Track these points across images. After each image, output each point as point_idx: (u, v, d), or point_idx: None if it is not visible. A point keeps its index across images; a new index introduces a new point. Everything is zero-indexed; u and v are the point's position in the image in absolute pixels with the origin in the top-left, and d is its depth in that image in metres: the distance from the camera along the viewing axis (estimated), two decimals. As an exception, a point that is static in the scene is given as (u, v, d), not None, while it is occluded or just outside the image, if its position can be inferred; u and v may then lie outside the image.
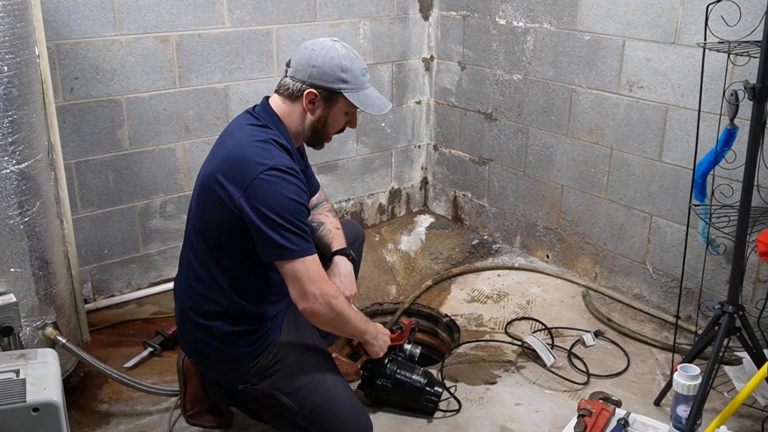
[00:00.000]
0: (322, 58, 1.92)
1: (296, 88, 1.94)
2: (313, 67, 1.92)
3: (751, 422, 2.25)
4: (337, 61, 1.93)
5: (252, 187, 1.79)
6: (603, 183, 3.07)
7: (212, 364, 2.02)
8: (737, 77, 2.35)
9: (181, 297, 2.03)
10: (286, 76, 1.98)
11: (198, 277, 1.96)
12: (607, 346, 2.74)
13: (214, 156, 1.95)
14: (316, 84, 1.93)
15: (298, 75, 1.94)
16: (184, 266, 2.02)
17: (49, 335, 2.12)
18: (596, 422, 1.96)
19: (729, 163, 2.21)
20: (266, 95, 2.04)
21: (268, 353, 1.99)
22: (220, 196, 1.85)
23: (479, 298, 3.15)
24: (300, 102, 1.95)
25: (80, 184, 2.80)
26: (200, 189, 1.94)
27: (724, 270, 2.68)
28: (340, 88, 1.94)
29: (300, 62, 1.94)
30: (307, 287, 1.85)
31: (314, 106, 1.96)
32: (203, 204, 1.93)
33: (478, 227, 3.77)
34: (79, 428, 2.23)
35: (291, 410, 2.00)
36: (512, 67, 3.34)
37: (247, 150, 1.86)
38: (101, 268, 2.95)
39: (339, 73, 1.93)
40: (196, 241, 1.96)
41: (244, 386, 2.01)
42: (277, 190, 1.81)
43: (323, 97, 1.94)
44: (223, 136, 2.00)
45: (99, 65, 2.72)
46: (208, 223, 1.92)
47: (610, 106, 2.96)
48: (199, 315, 1.97)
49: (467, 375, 2.57)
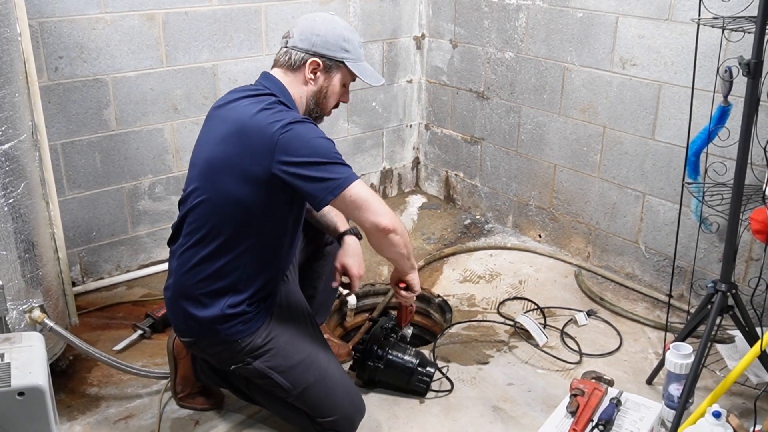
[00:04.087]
0: (325, 28, 1.95)
1: (298, 58, 1.96)
2: (317, 36, 1.94)
3: (743, 400, 2.25)
4: (339, 31, 1.96)
5: (278, 149, 1.77)
6: (596, 162, 3.05)
7: (205, 344, 1.99)
8: (731, 53, 2.33)
9: (177, 279, 1.96)
10: (285, 47, 1.98)
11: (202, 257, 1.90)
12: (599, 326, 2.74)
13: (217, 136, 1.89)
14: (319, 52, 1.95)
15: (301, 44, 1.95)
16: (183, 248, 1.95)
17: (36, 318, 2.09)
18: (588, 402, 1.96)
19: (722, 141, 2.20)
20: (264, 71, 2.02)
21: (261, 332, 1.96)
22: (242, 171, 1.81)
23: (472, 278, 3.14)
24: (301, 72, 1.96)
25: (67, 166, 2.77)
26: (212, 169, 1.87)
27: (716, 248, 2.67)
28: (342, 57, 1.97)
29: (302, 32, 1.96)
30: (378, 206, 1.82)
31: (315, 76, 1.97)
32: (217, 182, 1.86)
33: (471, 207, 3.75)
34: (68, 412, 2.22)
35: (284, 389, 1.99)
36: (504, 44, 3.31)
37: (256, 119, 1.83)
38: (90, 250, 2.92)
39: (341, 42, 1.96)
40: (206, 219, 1.89)
41: (237, 366, 1.99)
42: (300, 137, 1.80)
43: (325, 66, 1.96)
44: (219, 114, 1.95)
45: (84, 44, 2.67)
46: (226, 200, 1.86)
47: (602, 83, 2.93)
48: (197, 296, 1.93)
49: (460, 355, 2.56)
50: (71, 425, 2.16)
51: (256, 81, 2.01)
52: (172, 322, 2.05)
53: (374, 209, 1.82)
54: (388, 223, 1.83)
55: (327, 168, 1.78)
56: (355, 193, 1.79)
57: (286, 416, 2.13)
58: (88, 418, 2.20)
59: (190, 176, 1.97)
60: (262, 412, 2.22)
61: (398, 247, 1.91)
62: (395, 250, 1.93)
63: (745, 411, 2.20)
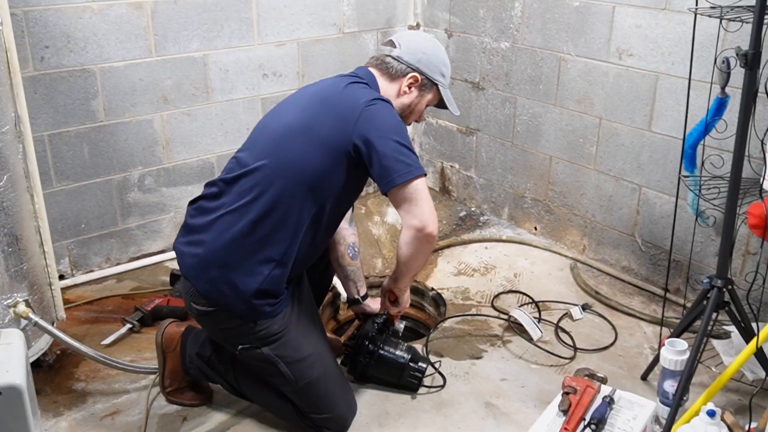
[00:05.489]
0: (432, 49, 2.08)
1: (401, 69, 2.04)
2: (423, 54, 2.05)
3: (738, 396, 2.23)
4: (443, 56, 2.10)
5: (362, 117, 1.84)
6: (592, 153, 3.01)
7: (221, 316, 1.93)
8: (729, 44, 2.28)
9: (218, 240, 1.88)
10: (388, 55, 2.05)
11: (251, 220, 1.86)
12: (594, 320, 2.71)
13: (301, 104, 1.96)
14: (421, 70, 2.05)
15: (406, 57, 2.04)
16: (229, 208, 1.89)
17: (21, 313, 2.06)
18: (581, 400, 1.92)
19: (720, 133, 2.16)
20: (362, 66, 2.08)
21: (279, 319, 1.95)
22: (322, 138, 1.86)
23: (466, 271, 3.11)
24: (399, 83, 2.05)
25: (54, 157, 2.72)
26: (290, 134, 1.90)
27: (713, 242, 2.64)
28: (438, 80, 2.09)
29: (409, 46, 2.05)
30: (430, 209, 1.87)
31: (410, 90, 2.06)
32: (292, 147, 1.88)
33: (466, 199, 3.71)
34: (54, 407, 2.19)
35: (287, 380, 1.97)
36: (500, 34, 3.26)
37: (350, 94, 1.92)
38: (79, 243, 2.88)
39: (441, 67, 2.09)
40: (266, 183, 1.87)
41: (245, 347, 1.96)
42: (384, 114, 1.89)
43: (422, 84, 2.07)
44: (306, 89, 2.06)
45: (70, 33, 2.62)
46: (296, 166, 1.87)
47: (599, 74, 2.89)
48: (241, 261, 1.87)
49: (453, 350, 2.53)
50: (57, 421, 2.13)
51: (352, 71, 2.08)
52: (192, 286, 1.93)
53: (428, 209, 1.87)
54: (433, 230, 1.88)
55: (402, 150, 1.85)
56: (418, 187, 1.85)
57: (275, 409, 2.12)
58: (75, 414, 2.17)
59: (253, 141, 1.98)
60: (251, 408, 2.19)
61: (423, 256, 1.98)
62: (420, 257, 1.99)
63: (741, 408, 2.17)
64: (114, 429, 2.11)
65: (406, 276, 2.11)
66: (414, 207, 1.86)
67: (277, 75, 3.21)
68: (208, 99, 3.04)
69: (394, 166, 1.83)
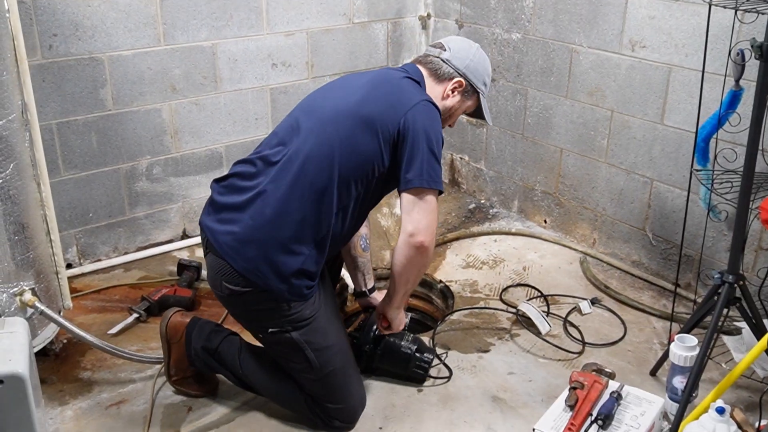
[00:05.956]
0: (479, 58, 2.12)
1: (448, 72, 2.08)
2: (471, 61, 2.09)
3: (749, 394, 2.20)
4: (488, 65, 2.15)
5: (415, 110, 1.90)
6: (603, 146, 2.98)
7: (255, 297, 1.91)
8: (744, 35, 2.24)
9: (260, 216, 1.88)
10: (437, 57, 2.09)
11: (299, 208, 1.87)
12: (603, 314, 2.68)
13: (355, 85, 2.00)
14: (467, 76, 2.09)
15: (455, 61, 2.08)
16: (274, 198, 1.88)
17: (27, 301, 2.06)
18: (588, 395, 1.90)
19: (733, 127, 2.13)
20: (413, 64, 2.12)
21: (310, 304, 1.95)
22: (371, 120, 1.89)
23: (475, 264, 3.09)
24: (444, 85, 2.09)
25: (62, 146, 2.72)
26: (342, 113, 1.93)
27: (725, 237, 2.60)
28: (480, 89, 2.13)
29: (459, 51, 2.10)
30: (432, 221, 1.92)
31: (453, 94, 2.10)
32: (341, 126, 1.91)
33: (476, 191, 3.68)
34: (60, 396, 2.19)
35: (312, 367, 1.97)
36: (511, 25, 3.22)
37: (405, 86, 1.99)
38: (86, 232, 2.88)
39: (485, 77, 2.13)
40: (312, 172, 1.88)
41: (274, 330, 1.95)
42: (434, 117, 1.96)
43: (465, 90, 2.10)
44: (358, 75, 2.11)
45: (79, 21, 2.61)
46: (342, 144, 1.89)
47: (611, 66, 2.85)
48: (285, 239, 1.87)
49: (460, 343, 2.51)
50: (62, 410, 2.13)
51: (401, 65, 2.14)
52: (228, 264, 1.89)
53: (427, 222, 1.91)
54: (425, 241, 1.91)
55: (433, 161, 1.90)
56: (430, 199, 1.91)
57: (282, 400, 2.12)
58: (80, 402, 2.17)
59: (297, 122, 1.98)
60: (256, 399, 2.18)
61: (415, 268, 1.99)
62: (412, 269, 2.00)
63: (751, 405, 2.14)
64: (119, 418, 2.11)
65: (398, 292, 2.09)
66: (416, 214, 1.90)
67: (286, 65, 3.19)
68: (217, 89, 3.03)
69: (421, 169, 1.87)
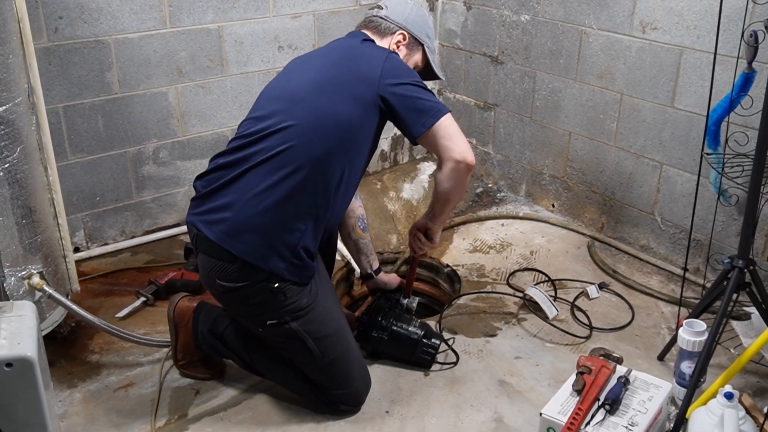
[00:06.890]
0: (417, 11, 2.18)
1: (389, 27, 2.14)
2: (409, 14, 2.16)
3: (757, 379, 2.19)
4: (426, 19, 2.21)
5: (384, 71, 1.93)
6: (612, 130, 2.95)
7: (250, 290, 1.90)
8: (757, 17, 2.21)
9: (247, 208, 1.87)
10: (376, 15, 2.16)
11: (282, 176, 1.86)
12: (611, 299, 2.67)
13: (319, 63, 2.03)
14: (408, 29, 2.15)
15: (393, 16, 2.15)
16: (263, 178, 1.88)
17: (35, 285, 2.06)
18: (595, 380, 1.90)
19: (745, 110, 2.10)
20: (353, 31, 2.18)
21: (306, 292, 1.95)
22: (351, 91, 1.92)
23: (482, 248, 3.08)
24: (388, 40, 2.14)
25: (69, 129, 2.71)
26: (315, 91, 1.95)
27: (735, 222, 2.58)
28: (423, 41, 2.18)
29: (395, 7, 2.16)
30: (464, 140, 1.96)
31: (398, 48, 2.14)
32: (319, 103, 1.92)
33: (483, 175, 3.67)
34: (68, 379, 2.20)
35: (314, 356, 1.97)
36: (520, 7, 3.19)
37: (362, 48, 2.05)
38: (94, 215, 2.88)
39: (426, 29, 2.19)
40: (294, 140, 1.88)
41: (273, 322, 1.94)
42: (402, 63, 2.02)
43: (409, 42, 2.16)
44: (315, 52, 2.19)
45: (84, 4, 2.60)
46: (325, 120, 1.91)
47: (621, 48, 2.82)
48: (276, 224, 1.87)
49: (467, 327, 2.51)
50: (71, 393, 2.14)
51: (350, 33, 2.19)
52: (226, 250, 1.87)
53: (463, 142, 1.96)
54: (472, 160, 1.97)
55: (423, 92, 1.95)
56: (448, 123, 1.94)
57: (288, 384, 2.12)
58: (89, 385, 2.18)
59: (270, 102, 2.01)
60: (263, 383, 2.19)
61: (463, 187, 2.05)
62: (460, 189, 2.05)
63: (760, 390, 2.14)
64: (127, 401, 2.12)
65: (444, 212, 2.18)
66: (450, 142, 1.94)
67: (293, 47, 3.16)
68: (223, 71, 3.01)
69: (423, 108, 1.93)
